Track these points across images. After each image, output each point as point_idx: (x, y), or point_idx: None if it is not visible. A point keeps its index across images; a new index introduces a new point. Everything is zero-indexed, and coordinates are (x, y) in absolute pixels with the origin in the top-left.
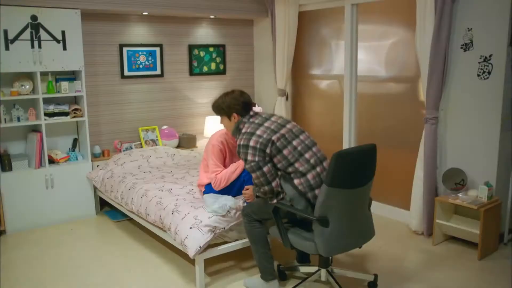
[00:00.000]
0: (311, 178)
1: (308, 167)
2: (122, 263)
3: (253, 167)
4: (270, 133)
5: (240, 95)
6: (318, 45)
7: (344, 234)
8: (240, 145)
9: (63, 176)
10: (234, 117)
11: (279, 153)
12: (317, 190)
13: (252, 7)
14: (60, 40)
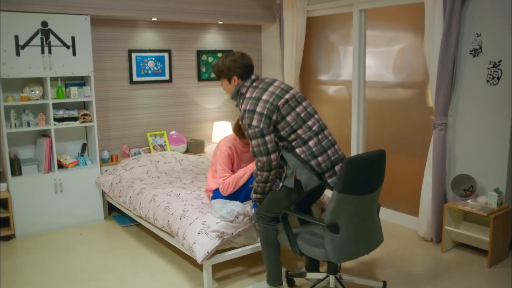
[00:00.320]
0: (313, 145)
1: (310, 134)
2: (130, 268)
3: (256, 133)
4: (276, 98)
5: (241, 57)
6: (326, 50)
7: (354, 240)
8: (246, 110)
9: (72, 181)
10: (234, 80)
11: (283, 119)
12: (320, 158)
13: (260, 13)
14: (70, 45)
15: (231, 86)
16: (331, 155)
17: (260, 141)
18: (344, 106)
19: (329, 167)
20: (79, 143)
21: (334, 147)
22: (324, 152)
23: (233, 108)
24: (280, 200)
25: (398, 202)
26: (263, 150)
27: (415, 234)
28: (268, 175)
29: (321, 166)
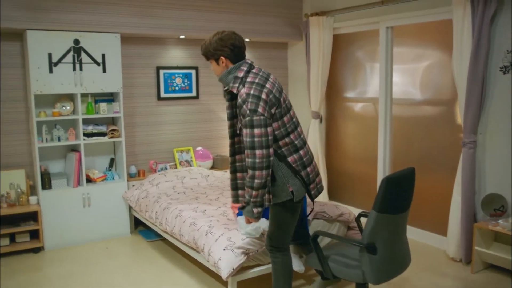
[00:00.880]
0: (303, 154)
1: (301, 142)
2: (155, 282)
3: (261, 121)
4: (277, 92)
5: (229, 36)
6: (353, 67)
7: (391, 260)
8: (250, 94)
9: (100, 195)
10: (222, 60)
11: (280, 118)
12: (308, 168)
13: (286, 30)
14: (100, 63)
15: (219, 67)
16: (314, 166)
17: (263, 131)
18: (371, 123)
19: (314, 179)
20: (107, 158)
21: (313, 161)
22: (310, 163)
23: None
24: (287, 220)
25: (425, 221)
26: (264, 142)
27: (444, 254)
28: (268, 174)
29: (309, 177)
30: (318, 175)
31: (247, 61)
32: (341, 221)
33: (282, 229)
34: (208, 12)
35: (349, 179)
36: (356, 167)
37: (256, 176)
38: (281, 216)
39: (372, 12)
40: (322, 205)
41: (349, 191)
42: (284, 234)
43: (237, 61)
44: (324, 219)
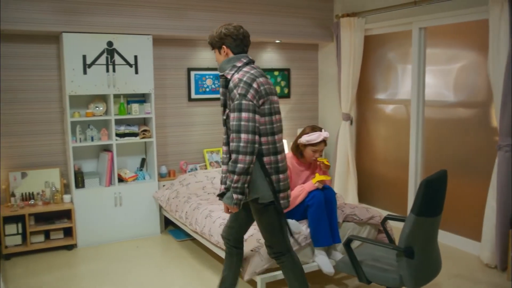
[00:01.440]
0: (280, 160)
1: (281, 147)
2: (184, 282)
3: (249, 106)
4: (269, 89)
5: (235, 28)
6: (384, 69)
7: (428, 265)
8: (242, 80)
9: (131, 194)
10: (224, 49)
11: (269, 115)
12: (281, 175)
13: (317, 32)
14: (133, 64)
15: (221, 56)
16: (287, 177)
17: (251, 116)
18: (402, 125)
19: (286, 188)
20: (138, 158)
21: (286, 172)
22: (284, 171)
23: (289, 126)
24: (272, 222)
25: (458, 225)
26: (250, 127)
27: (477, 260)
28: (251, 161)
29: (279, 184)
30: (289, 189)
31: (249, 56)
32: (372, 224)
33: (272, 232)
34: (238, 14)
35: (380, 182)
36: (386, 170)
37: (239, 160)
38: (265, 218)
39: (405, 12)
40: (353, 208)
41: (379, 194)
42: (279, 237)
43: (238, 53)
44: (355, 222)
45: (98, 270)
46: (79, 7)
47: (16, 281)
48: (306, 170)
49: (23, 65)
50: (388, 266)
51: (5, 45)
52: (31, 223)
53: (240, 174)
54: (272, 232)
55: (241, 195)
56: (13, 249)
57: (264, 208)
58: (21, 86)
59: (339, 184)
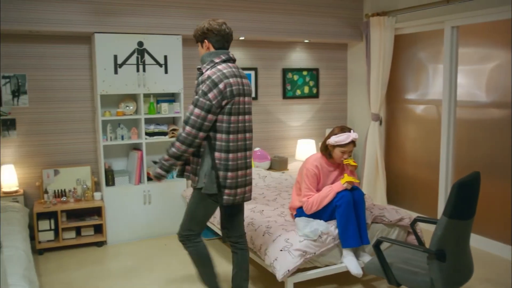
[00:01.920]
0: (232, 158)
1: (235, 147)
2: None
3: (204, 105)
4: (238, 90)
5: (218, 24)
6: (414, 69)
7: (459, 268)
8: (210, 78)
9: (160, 192)
10: (206, 44)
11: (228, 114)
12: (229, 173)
13: (346, 31)
14: (163, 64)
15: (203, 50)
16: (240, 175)
17: (203, 114)
18: (433, 126)
19: (234, 186)
20: None
21: (246, 170)
22: (235, 170)
23: (317, 127)
24: (197, 209)
25: (490, 228)
26: (197, 124)
27: (510, 264)
28: (186, 150)
29: (226, 181)
30: (243, 186)
31: (229, 53)
32: (401, 226)
33: (194, 218)
34: (268, 14)
35: (409, 183)
36: (416, 171)
37: (175, 146)
38: (194, 203)
39: (436, 11)
40: (382, 209)
41: (408, 196)
42: (194, 224)
43: (219, 48)
44: (383, 224)
45: (127, 267)
46: (111, 8)
47: (49, 275)
48: (335, 171)
49: (56, 65)
50: (418, 269)
51: (39, 46)
52: (63, 220)
53: (171, 156)
54: (196, 219)
55: (164, 172)
56: (46, 244)
57: (203, 197)
58: (54, 86)
59: (367, 185)
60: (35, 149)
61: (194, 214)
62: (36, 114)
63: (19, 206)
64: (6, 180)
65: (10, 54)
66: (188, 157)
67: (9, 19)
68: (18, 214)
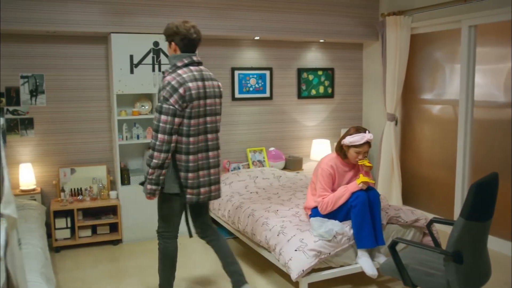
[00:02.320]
0: (192, 160)
1: (195, 149)
2: (225, 280)
3: (169, 110)
4: (198, 94)
5: (186, 27)
6: (431, 68)
7: (477, 270)
8: (170, 83)
9: None
10: (173, 45)
11: (188, 118)
12: (190, 174)
13: (362, 30)
14: None
15: (170, 50)
16: (201, 176)
17: (170, 119)
18: (449, 126)
19: (196, 186)
20: None
21: (209, 170)
22: (196, 170)
23: (332, 127)
24: (164, 209)
25: (509, 230)
26: (167, 129)
27: None
28: (166, 157)
29: (187, 181)
30: (206, 186)
31: (192, 57)
32: (417, 226)
33: (163, 218)
34: (283, 13)
35: (425, 184)
36: (432, 172)
37: (154, 156)
38: (160, 202)
39: (454, 10)
40: (397, 210)
41: (424, 196)
42: (165, 223)
43: (185, 51)
44: (399, 224)
45: (142, 265)
46: (127, 8)
47: (65, 273)
48: (350, 171)
49: (73, 65)
50: (434, 271)
51: (56, 46)
52: (79, 218)
53: (154, 168)
54: (165, 218)
55: (155, 185)
56: (62, 242)
57: (166, 197)
58: (71, 86)
59: (383, 186)
60: (52, 148)
61: (160, 212)
62: (53, 114)
63: (37, 204)
64: (24, 179)
65: (29, 54)
66: (167, 164)
67: (27, 20)
68: (35, 212)
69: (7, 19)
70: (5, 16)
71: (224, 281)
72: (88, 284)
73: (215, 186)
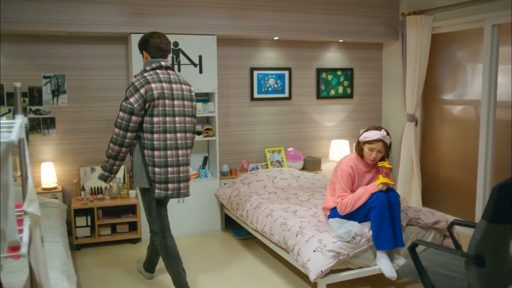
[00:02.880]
0: (158, 156)
1: (163, 145)
2: (244, 280)
3: (126, 109)
4: (159, 94)
5: (154, 37)
6: (452, 68)
7: (498, 274)
8: (133, 84)
9: (193, 191)
10: (144, 54)
11: (151, 116)
12: (157, 169)
13: (382, 30)
14: (197, 64)
15: (143, 59)
16: (170, 172)
17: (126, 117)
18: (470, 127)
19: (163, 181)
20: (201, 156)
21: (179, 167)
22: (165, 166)
23: (351, 127)
24: (147, 204)
25: None
26: (123, 125)
27: None
28: (119, 151)
29: (155, 176)
30: (175, 182)
31: (161, 62)
32: (437, 228)
33: (148, 214)
34: (301, 13)
35: (445, 186)
36: (453, 173)
37: (110, 148)
38: (143, 199)
39: (476, 9)
40: (417, 211)
41: (444, 198)
42: (149, 217)
43: (155, 57)
44: (419, 226)
45: (160, 264)
46: (147, 9)
47: (86, 270)
48: (370, 172)
49: (94, 65)
50: (455, 274)
51: (77, 47)
52: (99, 216)
53: (108, 157)
54: (147, 212)
55: (107, 173)
56: (83, 240)
57: (142, 191)
58: (92, 85)
59: (402, 187)
60: (73, 147)
61: (147, 209)
62: (74, 113)
63: (58, 203)
64: (46, 177)
65: (51, 55)
66: (124, 156)
67: (49, 21)
68: (56, 210)
69: (30, 20)
70: (28, 18)
71: (240, 278)
72: (108, 281)
73: (184, 183)
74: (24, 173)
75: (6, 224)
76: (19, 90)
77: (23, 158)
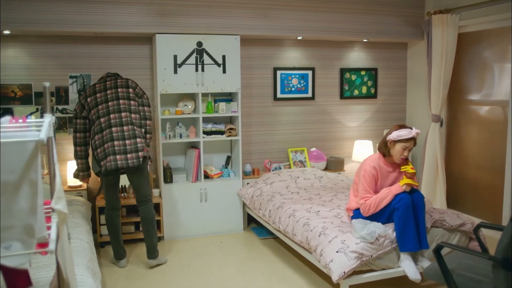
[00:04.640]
0: (100, 151)
1: (100, 142)
2: (265, 280)
3: (73, 114)
4: (92, 101)
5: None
6: (478, 68)
7: None
8: (80, 95)
9: (216, 191)
10: None
11: (93, 121)
12: (98, 149)
13: (407, 30)
14: (221, 64)
15: None
16: (106, 148)
17: (74, 121)
18: (498, 128)
19: (103, 157)
20: (224, 155)
21: (114, 142)
22: (102, 145)
23: (375, 127)
24: (102, 185)
25: None
26: (73, 128)
27: None
28: (76, 149)
29: (99, 155)
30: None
31: (109, 72)
32: (462, 231)
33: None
34: (325, 13)
35: (471, 188)
36: (479, 175)
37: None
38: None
39: (503, 7)
40: (442, 213)
41: (470, 200)
42: (105, 195)
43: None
44: (444, 228)
45: (182, 263)
46: (171, 9)
47: (109, 267)
48: (394, 172)
49: (119, 65)
50: (481, 277)
51: (103, 47)
52: (123, 215)
53: (75, 157)
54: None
55: (80, 172)
56: (106, 237)
57: (98, 175)
58: None
59: (426, 188)
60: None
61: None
62: None
63: (83, 200)
64: (71, 175)
65: (77, 55)
66: (82, 155)
67: (76, 22)
68: (82, 207)
69: (58, 21)
70: (55, 19)
71: (262, 277)
72: (132, 279)
73: (131, 154)
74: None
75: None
76: (48, 90)
77: (51, 156)
